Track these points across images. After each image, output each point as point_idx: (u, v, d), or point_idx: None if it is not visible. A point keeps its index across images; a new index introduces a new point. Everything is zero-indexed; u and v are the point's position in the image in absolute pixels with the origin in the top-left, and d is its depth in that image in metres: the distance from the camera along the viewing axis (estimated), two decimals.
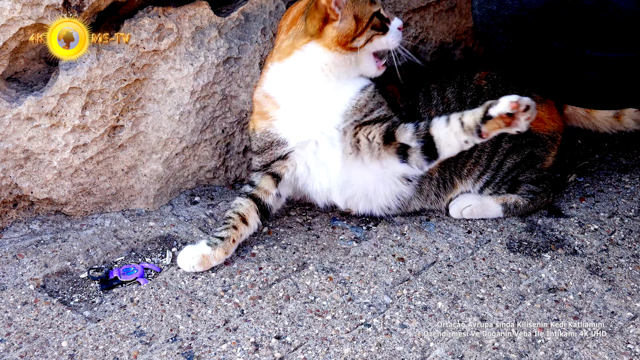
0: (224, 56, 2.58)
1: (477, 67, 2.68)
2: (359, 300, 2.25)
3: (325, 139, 2.45)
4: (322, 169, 2.49)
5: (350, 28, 2.39)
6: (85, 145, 2.47)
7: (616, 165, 2.88)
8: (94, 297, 2.26)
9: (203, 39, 2.54)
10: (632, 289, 2.29)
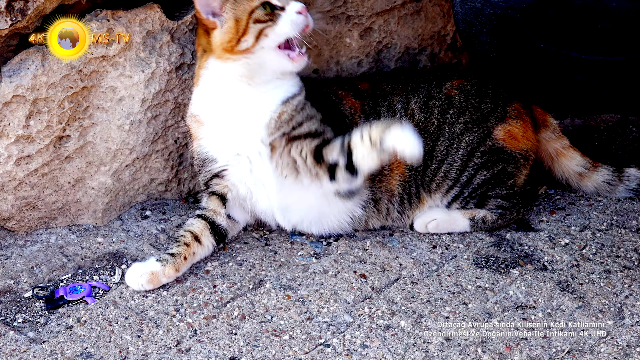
0: (176, 62, 2.58)
1: (448, 76, 2.68)
2: (318, 319, 2.25)
3: (255, 155, 2.45)
4: (261, 188, 2.51)
5: (231, 31, 2.41)
6: (29, 157, 2.45)
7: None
8: (38, 318, 2.25)
9: (155, 44, 2.54)
10: (604, 306, 2.30)
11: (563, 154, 2.75)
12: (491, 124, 2.60)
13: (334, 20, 2.77)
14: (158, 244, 2.54)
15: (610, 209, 2.71)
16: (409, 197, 2.61)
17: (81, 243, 2.53)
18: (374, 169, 2.38)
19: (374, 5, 2.80)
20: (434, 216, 2.61)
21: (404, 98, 2.63)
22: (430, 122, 2.60)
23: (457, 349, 2.14)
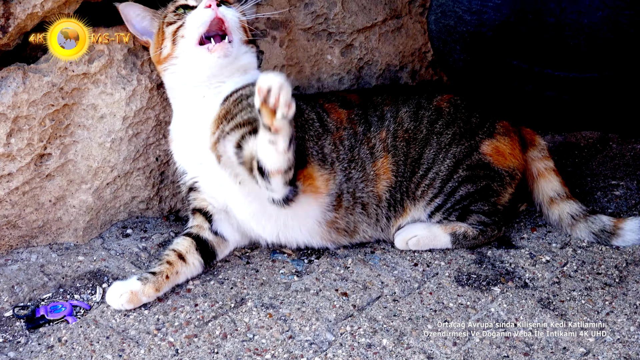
0: (158, 80, 2.58)
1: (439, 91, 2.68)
2: (300, 337, 2.25)
3: (212, 162, 2.46)
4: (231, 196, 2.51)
5: (155, 42, 2.48)
6: (10, 175, 2.45)
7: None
8: (19, 337, 2.25)
9: (136, 62, 2.55)
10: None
11: (544, 176, 2.75)
12: (479, 138, 2.61)
13: (315, 37, 2.78)
14: (139, 263, 2.54)
15: None
16: (394, 204, 2.61)
17: (62, 262, 2.52)
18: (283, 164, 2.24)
19: (355, 22, 2.82)
20: (414, 232, 2.61)
21: (394, 108, 2.63)
22: (419, 131, 2.60)
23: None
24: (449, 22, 2.02)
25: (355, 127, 2.59)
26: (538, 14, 1.97)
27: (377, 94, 2.72)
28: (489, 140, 2.61)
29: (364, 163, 2.57)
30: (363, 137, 2.59)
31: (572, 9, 1.94)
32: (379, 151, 2.59)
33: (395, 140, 2.60)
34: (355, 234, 2.61)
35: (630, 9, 1.94)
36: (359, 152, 2.58)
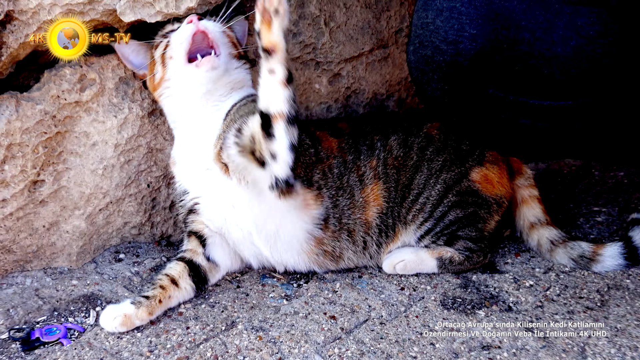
0: (149, 108, 2.61)
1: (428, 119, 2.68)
2: (289, 359, 2.27)
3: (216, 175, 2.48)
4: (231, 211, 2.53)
5: (149, 71, 2.53)
6: (4, 201, 2.47)
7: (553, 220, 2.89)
8: (15, 359, 2.25)
9: (127, 90, 2.57)
10: (567, 345, 2.33)
11: (527, 203, 2.78)
12: (469, 165, 2.63)
13: (303, 66, 2.81)
14: (132, 287, 2.56)
15: None
16: (385, 230, 2.63)
17: (56, 286, 2.54)
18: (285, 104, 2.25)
19: (343, 52, 2.85)
20: (402, 257, 2.63)
21: (384, 136, 2.66)
22: (410, 157, 2.63)
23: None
24: (426, 52, 2.02)
25: (345, 156, 2.62)
26: (512, 44, 1.95)
27: (366, 122, 2.74)
28: (479, 168, 2.64)
29: (352, 190, 2.60)
30: (353, 166, 2.62)
31: (545, 39, 1.93)
32: (369, 178, 2.61)
33: (385, 168, 2.62)
34: (341, 260, 2.64)
35: (602, 39, 1.93)
36: (348, 180, 2.60)
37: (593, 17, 1.98)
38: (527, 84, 1.98)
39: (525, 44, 1.96)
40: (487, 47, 1.96)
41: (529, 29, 1.96)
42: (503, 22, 1.97)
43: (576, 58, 1.95)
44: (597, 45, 1.96)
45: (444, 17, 2.00)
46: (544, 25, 1.96)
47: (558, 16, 1.97)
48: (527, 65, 1.96)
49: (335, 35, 2.83)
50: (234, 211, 2.52)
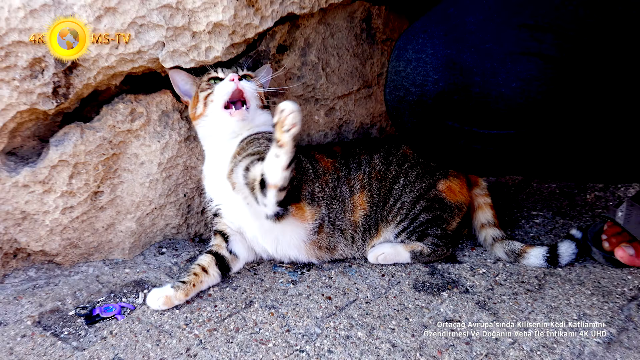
0: (185, 135, 2.60)
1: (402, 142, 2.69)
2: (294, 331, 2.27)
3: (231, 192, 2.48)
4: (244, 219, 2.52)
5: (192, 104, 2.51)
6: (72, 208, 2.47)
7: (500, 223, 2.88)
8: (80, 331, 2.26)
9: (168, 121, 2.56)
10: (512, 320, 2.32)
11: (482, 208, 2.78)
12: (436, 178, 2.65)
13: (305, 102, 2.80)
14: (172, 274, 2.55)
15: None
16: (369, 228, 2.62)
17: (112, 273, 2.55)
18: (280, 181, 2.27)
19: (336, 91, 2.84)
20: (382, 250, 2.62)
21: (369, 155, 2.66)
22: (389, 172, 2.63)
23: (401, 353, 2.17)
24: (399, 93, 1.99)
25: (338, 172, 2.61)
26: (466, 86, 1.93)
27: (355, 146, 2.74)
28: (444, 180, 2.66)
29: (343, 199, 2.59)
30: (344, 179, 2.61)
31: (492, 82, 1.91)
32: (357, 188, 2.60)
33: (370, 179, 2.62)
34: (335, 251, 2.62)
35: (537, 81, 1.90)
36: (340, 191, 2.59)
37: (529, 64, 1.96)
38: (478, 117, 1.96)
39: (476, 86, 1.94)
40: (446, 89, 1.94)
41: (479, 75, 1.94)
42: (459, 69, 1.96)
43: (516, 97, 1.93)
44: (533, 87, 1.94)
45: (412, 66, 1.98)
46: (491, 72, 1.94)
47: (502, 64, 1.95)
48: (478, 102, 1.94)
49: (330, 78, 2.82)
50: (244, 218, 2.52)
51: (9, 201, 2.39)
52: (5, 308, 2.35)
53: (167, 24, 2.32)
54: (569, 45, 1.97)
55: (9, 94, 2.24)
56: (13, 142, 2.40)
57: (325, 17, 2.73)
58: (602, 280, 2.54)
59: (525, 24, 1.94)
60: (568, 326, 2.30)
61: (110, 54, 2.30)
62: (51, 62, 2.25)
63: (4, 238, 2.44)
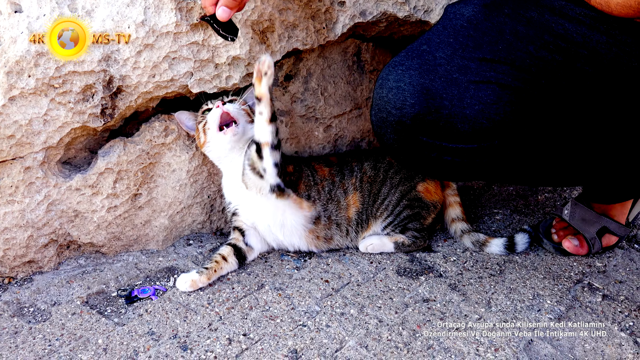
0: None
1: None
2: (298, 309, 2.25)
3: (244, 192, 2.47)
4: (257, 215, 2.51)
5: (196, 135, 2.49)
6: (115, 207, 2.45)
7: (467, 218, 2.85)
8: (121, 309, 2.25)
9: None
10: (478, 299, 2.32)
11: (452, 206, 2.75)
12: (416, 181, 2.63)
13: (307, 120, 2.78)
14: (197, 261, 2.53)
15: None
16: (361, 222, 2.59)
17: (148, 261, 2.52)
18: (269, 136, 2.28)
19: (332, 112, 2.82)
20: (371, 241, 2.59)
21: (360, 163, 2.63)
22: (378, 176, 2.60)
23: (387, 327, 2.16)
24: (382, 115, 1.99)
25: (333, 178, 2.58)
26: (438, 109, 1.93)
27: (348, 156, 2.71)
28: (422, 183, 2.63)
29: (339, 199, 2.55)
30: (339, 183, 2.57)
31: (459, 105, 1.91)
32: (350, 190, 2.57)
33: (361, 183, 2.59)
34: (332, 241, 2.58)
35: (495, 104, 1.90)
36: (336, 193, 2.56)
37: (488, 91, 1.97)
38: (448, 134, 1.96)
39: (445, 108, 1.95)
40: (421, 111, 1.94)
41: (448, 99, 1.95)
42: (431, 95, 1.96)
43: (478, 117, 1.94)
44: (492, 109, 1.95)
45: (393, 92, 1.99)
46: (457, 97, 1.95)
47: (466, 90, 1.96)
48: (448, 122, 1.94)
49: (327, 101, 2.80)
50: (258, 213, 2.49)
51: (63, 202, 2.37)
52: (59, 290, 2.34)
53: (195, 57, 2.31)
54: (521, 74, 1.98)
55: (65, 114, 2.23)
56: (68, 153, 2.39)
57: (323, 52, 2.72)
58: (553, 267, 2.53)
59: (485, 58, 1.96)
60: (525, 304, 2.29)
61: (148, 81, 2.27)
62: (100, 88, 2.23)
63: (59, 232, 2.41)
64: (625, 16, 1.94)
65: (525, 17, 2.02)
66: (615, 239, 2.65)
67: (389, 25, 2.65)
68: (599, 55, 1.99)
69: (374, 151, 2.84)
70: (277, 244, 2.57)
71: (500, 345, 2.11)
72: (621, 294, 2.40)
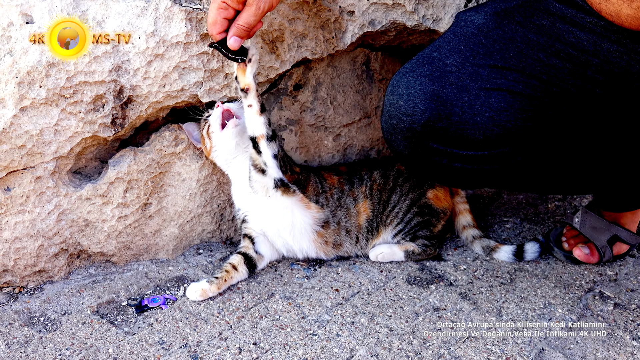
0: None
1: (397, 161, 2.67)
2: (308, 318, 2.25)
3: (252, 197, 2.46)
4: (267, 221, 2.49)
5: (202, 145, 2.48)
6: (125, 216, 2.45)
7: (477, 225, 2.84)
8: (131, 318, 2.25)
9: None
10: (489, 308, 2.31)
11: (462, 213, 2.75)
12: (425, 188, 2.62)
13: (316, 129, 2.77)
14: (207, 271, 2.52)
15: None
16: (371, 230, 2.58)
17: (158, 270, 2.52)
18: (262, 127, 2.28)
19: (342, 121, 2.81)
20: (381, 250, 2.58)
21: (369, 171, 2.63)
22: (387, 184, 2.60)
23: (397, 336, 2.15)
24: (393, 122, 2.00)
25: (342, 187, 2.57)
26: (449, 115, 1.94)
27: (358, 165, 2.72)
28: (432, 190, 2.63)
29: (348, 207, 2.55)
30: (349, 192, 2.57)
31: (469, 112, 1.92)
32: (360, 198, 2.56)
33: (371, 191, 2.58)
34: (341, 247, 2.57)
35: (506, 112, 1.91)
36: (345, 201, 2.55)
37: (499, 97, 1.97)
38: (458, 141, 1.97)
39: (456, 115, 1.95)
40: (432, 118, 1.95)
41: (458, 106, 1.96)
42: (442, 102, 1.97)
43: (489, 124, 1.94)
44: (502, 116, 1.96)
45: (404, 99, 2.00)
46: (468, 104, 1.96)
47: (477, 98, 1.96)
48: (458, 129, 1.95)
49: (337, 110, 2.79)
50: (267, 217, 2.48)
51: (74, 211, 2.37)
52: (69, 299, 2.34)
53: (205, 67, 2.31)
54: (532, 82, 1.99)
55: (75, 124, 2.24)
56: (78, 163, 2.39)
57: (332, 61, 2.72)
58: (563, 275, 2.52)
59: (496, 65, 1.96)
60: (536, 313, 2.28)
61: (158, 91, 2.28)
62: (110, 97, 2.23)
63: (70, 242, 2.41)
64: (636, 29, 1.94)
65: (536, 25, 2.02)
66: (626, 247, 2.64)
67: (398, 34, 2.65)
68: (610, 64, 1.99)
69: (383, 159, 2.84)
70: (287, 249, 2.55)
71: (511, 355, 2.09)
72: (633, 302, 2.38)
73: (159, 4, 2.21)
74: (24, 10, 2.10)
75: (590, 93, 2.00)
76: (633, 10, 1.89)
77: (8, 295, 2.35)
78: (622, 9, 1.91)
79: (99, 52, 2.17)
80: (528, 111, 1.94)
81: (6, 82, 2.11)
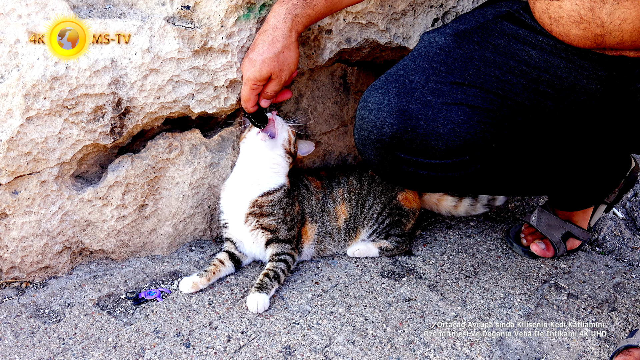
0: (209, 162, 2.57)
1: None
2: (291, 308, 2.26)
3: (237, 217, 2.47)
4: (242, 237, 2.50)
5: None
6: (124, 217, 2.45)
7: (444, 224, 2.90)
8: (129, 310, 2.26)
9: (196, 152, 2.55)
10: (455, 298, 2.33)
11: (442, 199, 2.80)
12: (396, 191, 2.63)
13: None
14: (199, 266, 2.52)
15: (457, 243, 2.73)
16: (349, 231, 2.59)
17: (154, 266, 2.51)
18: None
19: (322, 129, 2.84)
20: (358, 247, 2.60)
21: (347, 176, 2.64)
22: (363, 188, 2.61)
23: (372, 324, 2.17)
24: (364, 134, 2.00)
25: (325, 190, 2.59)
26: (414, 128, 1.95)
27: (336, 170, 2.73)
28: (402, 193, 2.64)
29: (329, 209, 2.56)
30: (329, 194, 2.58)
31: (433, 125, 1.93)
32: (338, 200, 2.57)
33: (349, 194, 2.60)
34: (325, 252, 2.60)
35: (466, 124, 1.94)
36: (327, 204, 2.57)
37: (460, 111, 1.99)
38: (423, 151, 1.99)
39: (421, 128, 1.98)
40: (399, 131, 1.97)
41: (423, 120, 1.98)
42: (408, 116, 1.99)
43: (451, 135, 1.96)
44: (463, 128, 1.98)
45: (373, 114, 2.01)
46: (432, 117, 1.98)
47: (440, 112, 1.98)
48: (423, 140, 1.97)
49: (317, 119, 2.81)
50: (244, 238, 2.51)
51: (76, 212, 2.37)
52: (72, 293, 2.34)
53: (196, 80, 2.32)
54: (489, 96, 2.01)
55: (77, 133, 2.24)
56: (80, 168, 2.39)
57: (313, 75, 2.73)
58: (522, 268, 2.55)
59: (456, 82, 1.99)
60: (497, 303, 2.30)
61: (153, 102, 2.28)
62: (109, 108, 2.24)
63: (73, 240, 2.41)
64: (583, 47, 2.00)
65: (492, 45, 2.06)
66: (578, 242, 2.67)
67: (372, 50, 2.68)
68: (560, 79, 2.04)
69: (358, 165, 2.87)
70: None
71: (475, 340, 2.12)
72: (584, 292, 2.42)
73: (154, 23, 2.22)
74: (30, 28, 2.10)
75: (542, 105, 2.05)
76: (581, 30, 1.94)
77: (16, 289, 2.35)
78: (571, 29, 1.96)
79: (99, 67, 2.17)
80: (486, 123, 1.98)
81: (13, 95, 2.12)
